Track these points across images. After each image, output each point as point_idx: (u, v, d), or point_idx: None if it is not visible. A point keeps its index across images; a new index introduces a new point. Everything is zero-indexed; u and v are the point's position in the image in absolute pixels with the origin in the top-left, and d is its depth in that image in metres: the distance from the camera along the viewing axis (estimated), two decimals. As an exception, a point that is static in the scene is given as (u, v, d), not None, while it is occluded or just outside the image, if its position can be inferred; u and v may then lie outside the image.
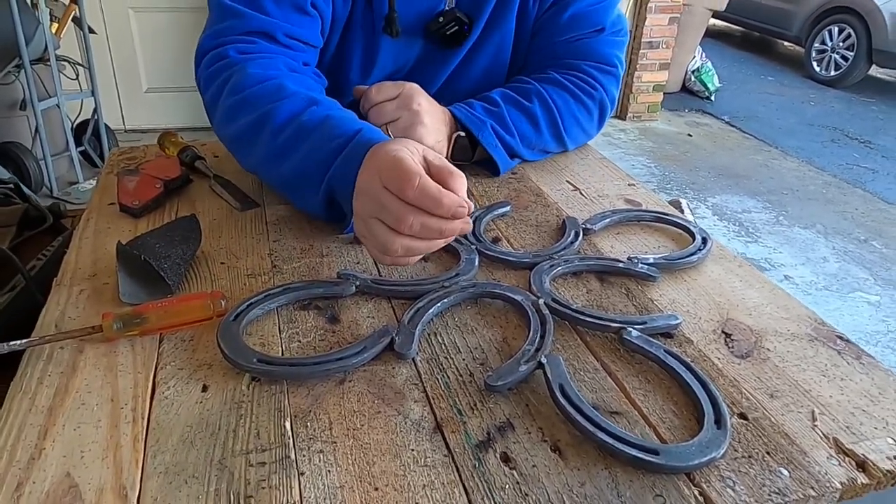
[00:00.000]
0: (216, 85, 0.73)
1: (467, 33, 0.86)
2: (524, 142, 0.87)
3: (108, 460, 0.42)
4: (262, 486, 0.41)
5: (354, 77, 0.88)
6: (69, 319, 0.56)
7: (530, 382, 0.51)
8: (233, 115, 0.71)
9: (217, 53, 0.75)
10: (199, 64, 0.77)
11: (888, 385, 0.52)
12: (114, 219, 0.72)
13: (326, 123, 0.65)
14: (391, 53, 0.87)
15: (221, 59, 0.74)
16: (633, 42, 4.20)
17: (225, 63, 0.73)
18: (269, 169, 0.71)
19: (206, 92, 0.76)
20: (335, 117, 0.66)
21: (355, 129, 0.63)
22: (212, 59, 0.75)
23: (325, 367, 0.50)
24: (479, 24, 0.87)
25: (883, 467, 0.44)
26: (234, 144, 0.74)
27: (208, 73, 0.75)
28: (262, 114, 0.68)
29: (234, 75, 0.72)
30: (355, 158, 0.59)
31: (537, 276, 0.63)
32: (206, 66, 0.75)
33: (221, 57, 0.74)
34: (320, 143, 0.64)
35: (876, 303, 2.49)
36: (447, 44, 0.88)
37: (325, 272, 0.64)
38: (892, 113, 5.02)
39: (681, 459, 0.43)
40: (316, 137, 0.65)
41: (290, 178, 0.68)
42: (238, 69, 0.72)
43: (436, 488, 0.41)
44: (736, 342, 0.56)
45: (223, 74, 0.73)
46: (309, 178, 0.65)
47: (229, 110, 0.71)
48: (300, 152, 0.66)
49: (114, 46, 3.38)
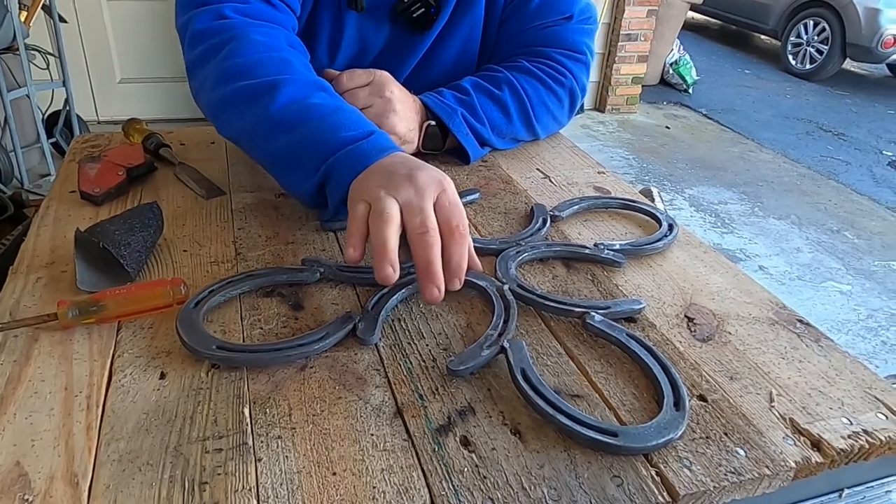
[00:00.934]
0: (211, 44, 0.71)
1: (434, 16, 0.86)
2: (495, 130, 0.87)
3: (59, 448, 0.42)
4: (217, 472, 0.41)
5: (322, 55, 0.87)
6: (24, 308, 0.54)
7: (493, 367, 0.51)
8: (228, 78, 0.68)
9: (214, 10, 0.72)
10: (187, 16, 0.74)
11: (845, 367, 0.52)
12: (74, 207, 0.71)
13: (338, 114, 0.65)
14: (358, 32, 0.87)
15: (219, 17, 0.72)
16: (612, 34, 4.21)
17: (223, 24, 0.71)
18: (260, 140, 0.68)
19: (195, 48, 0.72)
20: (347, 110, 0.66)
21: (369, 129, 0.64)
22: (207, 15, 0.72)
23: (286, 353, 0.49)
24: (447, 10, 0.86)
25: (837, 446, 0.44)
26: (221, 107, 0.70)
27: (200, 29, 0.72)
28: (265, 82, 0.66)
29: (235, 39, 0.69)
30: (365, 157, 0.59)
31: (503, 263, 0.63)
32: (199, 20, 0.72)
33: (219, 15, 0.72)
34: (330, 129, 0.63)
35: (847, 292, 2.54)
36: (415, 27, 0.87)
37: (290, 259, 0.63)
38: (865, 106, 5.10)
39: (639, 441, 0.43)
40: (326, 123, 0.64)
41: (283, 154, 0.66)
42: (240, 33, 0.70)
43: (394, 472, 0.41)
44: (698, 326, 0.57)
45: (220, 35, 0.70)
46: (305, 160, 0.64)
47: (225, 72, 0.68)
48: (302, 132, 0.64)
49: (86, 35, 3.31)
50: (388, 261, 0.51)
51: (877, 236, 3.01)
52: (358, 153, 0.61)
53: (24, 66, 2.51)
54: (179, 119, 3.51)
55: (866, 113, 4.93)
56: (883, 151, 4.16)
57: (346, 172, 0.60)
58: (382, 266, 0.51)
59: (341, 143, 0.62)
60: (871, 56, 5.34)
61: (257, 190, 0.76)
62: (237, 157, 0.85)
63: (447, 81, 0.88)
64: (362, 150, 0.61)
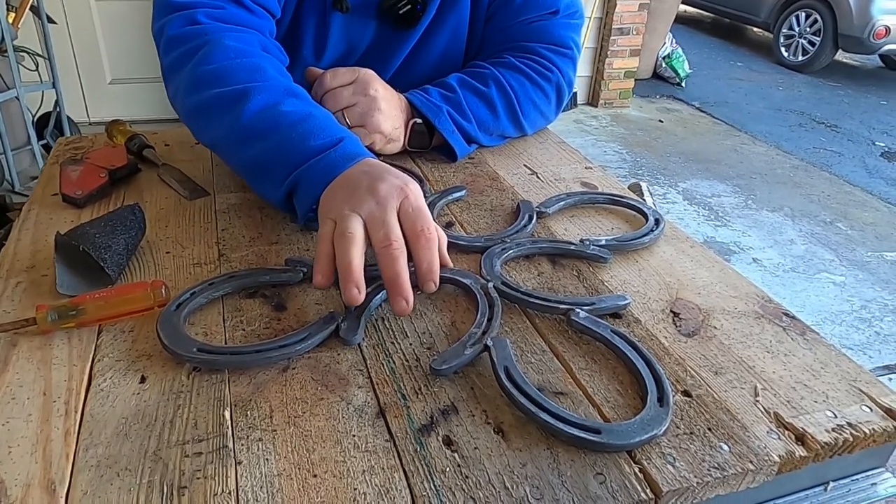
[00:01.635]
0: (184, 50, 0.70)
1: (420, 13, 0.85)
2: (481, 127, 0.86)
3: (36, 455, 0.41)
4: (196, 476, 0.40)
5: (307, 55, 0.87)
6: (3, 313, 0.54)
7: (476, 366, 0.50)
8: (200, 86, 0.68)
9: (187, 16, 0.71)
10: (161, 21, 0.73)
11: (830, 360, 0.52)
12: (56, 210, 0.70)
13: (308, 121, 0.64)
14: (344, 31, 0.86)
15: (192, 23, 0.71)
16: (604, 29, 4.21)
17: (196, 29, 0.70)
18: (231, 149, 0.68)
19: (169, 54, 0.72)
20: (317, 117, 0.65)
21: (339, 136, 0.63)
22: (180, 21, 0.71)
23: (267, 354, 0.49)
24: (433, 6, 0.86)
25: (821, 440, 0.44)
26: (194, 115, 0.70)
27: (173, 35, 0.71)
28: (236, 90, 0.65)
29: (208, 45, 0.69)
30: (332, 168, 0.59)
31: (488, 260, 0.62)
32: (172, 26, 0.71)
33: (192, 21, 0.71)
34: (300, 138, 0.62)
35: (841, 283, 2.54)
36: (401, 24, 0.86)
37: (273, 260, 0.63)
38: (857, 97, 5.11)
39: (622, 438, 0.43)
40: (295, 131, 0.63)
41: (254, 163, 0.66)
42: (212, 39, 0.69)
43: (375, 473, 0.41)
44: (683, 321, 0.56)
45: (193, 41, 0.70)
46: (275, 169, 0.63)
47: (197, 79, 0.68)
48: (272, 141, 0.63)
49: (75, 36, 3.30)
50: (353, 282, 0.51)
51: (870, 227, 3.02)
52: (325, 164, 0.60)
53: (13, 67, 2.50)
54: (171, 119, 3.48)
55: (859, 104, 4.94)
56: (875, 142, 4.17)
57: (312, 185, 0.60)
58: (348, 288, 0.51)
59: (309, 154, 0.61)
60: (863, 47, 5.35)
61: (241, 190, 0.76)
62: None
63: (433, 79, 0.87)
64: (329, 161, 0.60)
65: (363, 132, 0.77)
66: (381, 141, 0.80)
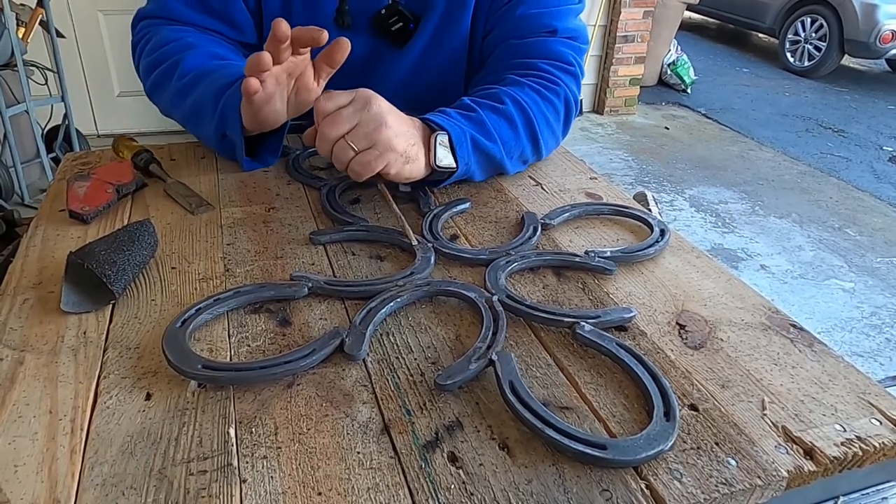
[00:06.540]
0: (139, 48, 0.90)
1: (413, 30, 0.85)
2: (505, 147, 0.79)
3: (42, 473, 0.41)
4: (201, 494, 0.40)
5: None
6: (11, 330, 0.54)
7: (481, 380, 0.50)
8: (150, 69, 0.87)
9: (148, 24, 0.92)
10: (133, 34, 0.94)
11: (838, 372, 0.52)
12: (63, 226, 0.70)
13: (228, 67, 0.80)
14: None
15: (146, 28, 0.91)
16: (608, 36, 4.21)
17: (147, 32, 0.91)
18: (175, 106, 0.84)
19: (134, 56, 0.93)
20: (234, 65, 0.81)
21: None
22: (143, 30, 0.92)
23: (272, 371, 0.49)
24: (429, 24, 0.85)
25: (830, 454, 0.44)
26: (152, 92, 0.89)
27: (133, 42, 0.93)
28: (171, 62, 0.83)
29: (153, 38, 0.88)
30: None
31: (493, 273, 0.62)
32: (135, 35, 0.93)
33: (147, 27, 0.91)
34: (222, 77, 0.78)
35: (850, 289, 2.52)
36: (394, 41, 0.86)
37: (278, 274, 0.63)
38: (864, 102, 5.09)
39: (628, 453, 0.43)
40: (217, 75, 0.79)
41: (190, 112, 0.82)
42: (154, 32, 0.88)
43: (380, 491, 0.41)
44: (690, 333, 0.56)
45: (143, 38, 0.90)
46: (205, 111, 0.79)
47: (148, 66, 0.87)
48: (199, 89, 0.79)
49: (84, 50, 3.33)
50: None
51: (879, 233, 3.00)
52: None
53: (23, 81, 2.52)
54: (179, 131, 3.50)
55: (866, 109, 4.92)
56: (883, 147, 4.14)
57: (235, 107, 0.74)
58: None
59: (228, 85, 0.76)
60: (870, 51, 5.33)
61: (247, 204, 0.76)
62: (227, 171, 0.84)
63: (434, 101, 0.82)
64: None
65: (374, 154, 0.67)
66: (397, 161, 0.69)
